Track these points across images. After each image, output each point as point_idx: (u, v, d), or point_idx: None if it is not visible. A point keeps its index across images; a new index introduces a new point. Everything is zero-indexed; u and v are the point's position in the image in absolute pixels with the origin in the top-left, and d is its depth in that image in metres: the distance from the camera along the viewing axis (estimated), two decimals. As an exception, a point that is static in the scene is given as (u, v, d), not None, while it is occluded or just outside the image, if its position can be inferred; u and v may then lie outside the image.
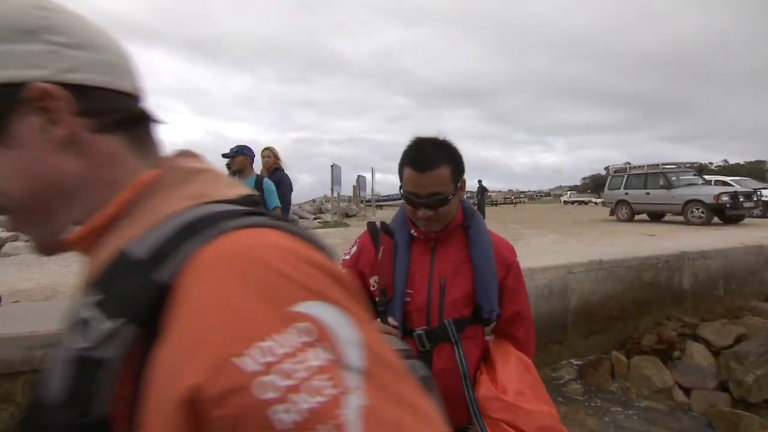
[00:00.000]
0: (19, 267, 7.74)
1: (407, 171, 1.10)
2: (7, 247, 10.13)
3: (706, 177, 13.30)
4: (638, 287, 5.22)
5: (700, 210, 10.71)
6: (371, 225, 1.28)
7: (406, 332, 1.15)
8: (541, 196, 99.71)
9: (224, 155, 3.41)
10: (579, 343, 4.91)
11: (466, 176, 1.16)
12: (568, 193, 62.01)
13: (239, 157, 3.41)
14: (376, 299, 1.19)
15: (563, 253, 5.87)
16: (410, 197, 1.11)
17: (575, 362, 4.78)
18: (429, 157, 1.07)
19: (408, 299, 1.16)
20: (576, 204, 44.50)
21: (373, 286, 1.20)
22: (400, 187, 1.16)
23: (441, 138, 1.12)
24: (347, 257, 1.29)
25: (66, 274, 6.87)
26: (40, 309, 4.75)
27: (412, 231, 1.19)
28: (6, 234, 10.74)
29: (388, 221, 1.28)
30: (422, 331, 1.14)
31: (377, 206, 25.47)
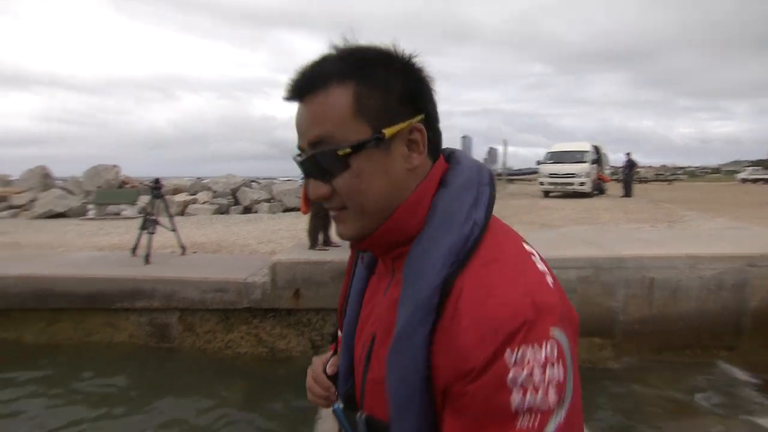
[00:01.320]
0: (197, 225, 9.63)
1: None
2: (189, 208, 12.61)
3: None
4: None
5: None
6: None
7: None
8: (706, 172, 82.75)
9: None
10: (758, 353, 4.00)
11: (610, 149, 0.57)
12: (748, 169, 49.53)
13: None
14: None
15: (740, 241, 4.83)
16: (296, 156, 0.58)
17: (750, 376, 3.89)
18: (312, 72, 0.54)
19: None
20: (760, 183, 35.61)
21: None
22: None
23: (372, 45, 0.56)
24: None
25: (227, 233, 8.29)
26: (211, 260, 5.82)
27: None
28: (188, 197, 13.35)
29: (518, 197, 0.71)
30: (338, 407, 0.66)
31: (508, 180, 24.38)
